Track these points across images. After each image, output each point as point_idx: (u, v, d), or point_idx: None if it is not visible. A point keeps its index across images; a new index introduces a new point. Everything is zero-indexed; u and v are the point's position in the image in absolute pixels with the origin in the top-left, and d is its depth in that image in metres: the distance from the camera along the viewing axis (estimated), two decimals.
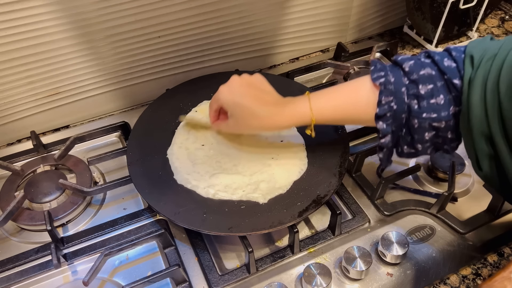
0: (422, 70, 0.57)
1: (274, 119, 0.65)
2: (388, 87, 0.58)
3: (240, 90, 0.65)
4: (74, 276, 0.68)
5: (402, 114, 0.58)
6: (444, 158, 0.79)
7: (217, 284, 0.64)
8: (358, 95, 0.61)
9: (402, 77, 0.58)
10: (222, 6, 0.87)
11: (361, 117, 0.62)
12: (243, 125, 0.66)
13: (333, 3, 0.99)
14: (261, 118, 0.64)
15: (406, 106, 0.58)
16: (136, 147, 0.77)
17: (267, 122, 0.65)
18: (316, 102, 0.63)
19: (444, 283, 0.67)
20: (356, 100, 0.62)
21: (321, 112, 0.63)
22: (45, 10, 0.74)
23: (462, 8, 0.99)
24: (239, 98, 0.64)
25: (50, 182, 0.76)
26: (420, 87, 0.56)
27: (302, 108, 0.64)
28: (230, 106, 0.66)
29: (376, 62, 0.62)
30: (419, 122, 0.57)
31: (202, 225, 0.65)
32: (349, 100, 0.62)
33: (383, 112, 0.59)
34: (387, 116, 0.59)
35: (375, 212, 0.74)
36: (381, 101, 0.58)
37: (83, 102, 0.90)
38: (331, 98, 0.64)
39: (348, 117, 0.64)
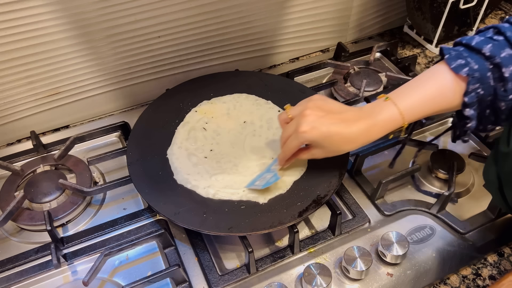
0: (502, 52, 0.56)
1: (366, 135, 0.62)
2: (474, 76, 0.57)
3: (321, 121, 0.61)
4: (74, 276, 0.68)
5: (488, 97, 0.58)
6: (444, 158, 0.79)
7: (217, 284, 0.64)
8: (443, 88, 0.59)
9: (484, 62, 0.57)
10: (222, 6, 0.87)
11: (446, 108, 0.61)
12: (335, 152, 0.64)
13: (333, 3, 0.99)
14: (354, 140, 0.62)
15: (492, 89, 0.58)
16: (136, 147, 0.77)
17: (360, 141, 0.62)
18: (403, 104, 0.61)
19: (444, 283, 0.67)
20: (442, 92, 0.60)
21: (411, 113, 0.61)
22: (45, 10, 0.74)
23: (462, 8, 0.99)
24: (326, 130, 0.61)
25: (50, 182, 0.76)
26: (504, 70, 0.56)
27: (390, 114, 0.61)
28: (319, 141, 0.62)
29: (449, 49, 0.61)
30: (506, 104, 0.57)
31: (202, 225, 0.65)
32: (435, 94, 0.60)
33: (471, 100, 0.58)
34: (474, 102, 0.59)
35: (375, 212, 0.74)
36: (468, 90, 0.58)
37: (83, 102, 0.90)
38: (416, 97, 0.61)
39: (434, 111, 0.62)
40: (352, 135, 0.61)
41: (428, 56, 1.07)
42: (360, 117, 0.62)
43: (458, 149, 0.83)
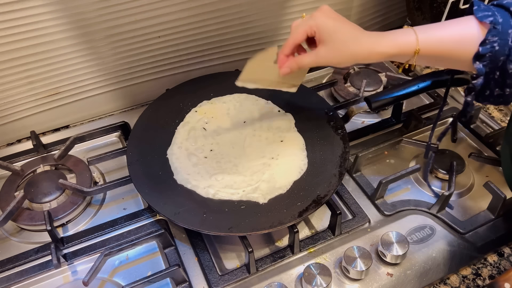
0: None
1: (375, 45, 0.59)
2: (496, 27, 0.57)
3: (336, 16, 0.61)
4: (74, 276, 0.68)
5: (501, 56, 0.58)
6: (444, 158, 0.79)
7: (217, 284, 0.64)
8: (466, 31, 0.59)
9: (510, 19, 0.57)
10: (222, 6, 0.87)
11: (462, 56, 0.60)
12: (340, 51, 0.60)
13: (333, 3, 0.99)
14: (363, 43, 0.59)
15: (508, 49, 0.57)
16: (136, 147, 0.77)
17: (369, 47, 0.59)
18: (422, 33, 0.59)
19: (444, 283, 0.67)
20: (464, 36, 0.59)
21: (427, 45, 0.59)
22: (45, 10, 0.74)
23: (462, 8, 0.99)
24: (339, 22, 0.60)
25: (50, 182, 0.76)
26: None
27: (407, 36, 0.59)
28: (330, 29, 0.60)
29: (479, 2, 0.60)
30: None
31: (202, 225, 0.65)
32: (455, 36, 0.59)
33: (485, 51, 0.57)
34: (486, 57, 0.58)
35: (375, 212, 0.74)
36: (485, 40, 0.57)
37: (83, 102, 0.90)
38: (437, 32, 0.60)
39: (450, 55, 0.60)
40: (363, 38, 0.60)
41: None
42: (374, 32, 0.61)
43: (458, 149, 0.83)
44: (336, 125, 0.80)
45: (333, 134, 0.78)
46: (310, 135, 0.79)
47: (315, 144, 0.77)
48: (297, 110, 0.83)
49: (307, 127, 0.80)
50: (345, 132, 0.78)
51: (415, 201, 0.75)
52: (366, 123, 0.91)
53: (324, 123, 0.80)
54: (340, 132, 0.78)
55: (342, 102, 0.92)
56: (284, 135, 0.78)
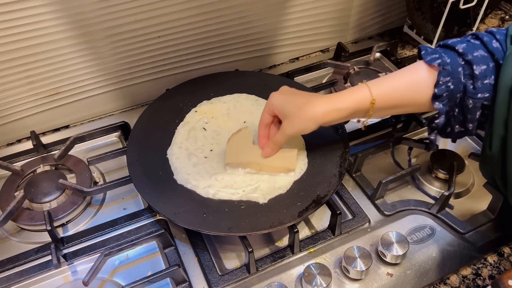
0: (475, 52, 0.59)
1: (331, 104, 0.63)
2: (446, 68, 0.60)
3: (289, 91, 0.68)
4: (74, 276, 0.68)
5: (458, 94, 0.60)
6: (444, 158, 0.79)
7: (217, 284, 0.64)
8: (416, 77, 0.62)
9: (457, 58, 0.60)
10: (222, 6, 0.87)
11: (418, 99, 0.63)
12: (299, 120, 0.65)
13: (333, 3, 0.99)
14: (317, 104, 0.63)
15: (462, 86, 0.60)
16: (136, 147, 0.77)
17: (324, 107, 0.63)
18: (375, 86, 0.63)
19: (444, 283, 0.67)
20: (415, 82, 0.62)
21: (381, 95, 0.63)
22: (45, 10, 0.74)
23: (462, 8, 0.99)
24: (290, 96, 0.66)
25: (50, 182, 0.76)
26: (474, 68, 0.58)
27: (361, 92, 0.63)
28: (284, 105, 0.66)
29: (426, 46, 0.63)
30: (473, 102, 0.59)
31: (202, 225, 0.65)
32: (407, 83, 0.63)
33: (441, 92, 0.60)
34: (443, 96, 0.61)
35: (375, 212, 0.74)
36: (439, 82, 0.60)
37: (83, 102, 0.90)
38: (390, 82, 0.64)
39: (406, 101, 0.64)
40: (315, 99, 0.64)
41: None
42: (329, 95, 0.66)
43: (458, 149, 0.83)
44: (336, 125, 0.79)
45: (333, 134, 0.78)
46: (310, 135, 0.78)
47: (315, 144, 0.77)
48: None
49: None
50: (345, 132, 0.78)
51: (415, 201, 0.75)
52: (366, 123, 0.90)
53: None
54: (340, 132, 0.78)
55: None
56: None
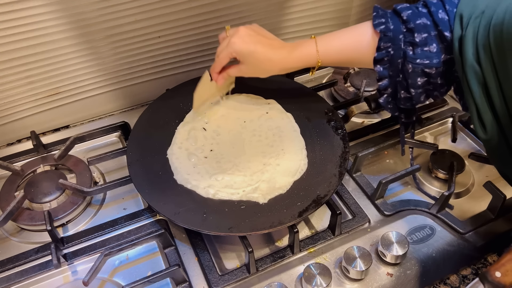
0: (418, 20, 0.61)
1: (285, 61, 0.70)
2: (387, 34, 0.63)
3: (250, 38, 0.70)
4: (74, 276, 0.68)
5: (398, 59, 0.63)
6: (444, 158, 0.79)
7: (217, 284, 0.64)
8: (361, 40, 0.66)
9: (400, 25, 0.63)
10: (222, 6, 0.87)
11: (361, 60, 0.68)
12: (256, 69, 0.72)
13: (333, 3, 0.99)
14: (273, 62, 0.70)
15: (402, 52, 0.62)
16: (136, 147, 0.77)
17: (278, 65, 0.70)
18: (322, 45, 0.68)
19: (444, 283, 0.67)
20: (359, 44, 0.67)
21: (327, 55, 0.69)
22: (45, 10, 0.74)
23: None
24: (253, 46, 0.69)
25: (50, 182, 0.76)
26: (415, 35, 0.61)
27: (309, 50, 0.69)
28: (244, 54, 0.70)
29: (379, 8, 0.66)
30: (413, 67, 0.62)
31: (202, 225, 0.65)
32: (352, 44, 0.67)
33: (381, 56, 0.64)
34: (384, 60, 0.64)
35: (375, 212, 0.74)
36: (380, 47, 0.63)
37: (83, 102, 0.90)
38: (336, 42, 0.69)
39: (350, 60, 0.70)
40: (273, 57, 0.69)
41: None
42: (284, 46, 0.71)
43: (458, 149, 0.83)
44: (336, 125, 0.80)
45: (333, 134, 0.78)
46: (310, 135, 0.79)
47: (315, 144, 0.77)
48: (297, 110, 0.83)
49: (307, 127, 0.80)
50: (345, 132, 0.78)
51: (415, 201, 0.75)
52: (366, 123, 0.91)
53: (324, 123, 0.80)
54: (340, 132, 0.78)
55: (342, 102, 0.92)
56: (284, 135, 0.78)
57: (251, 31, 0.70)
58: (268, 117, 0.82)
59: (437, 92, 0.65)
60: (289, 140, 0.77)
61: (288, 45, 0.71)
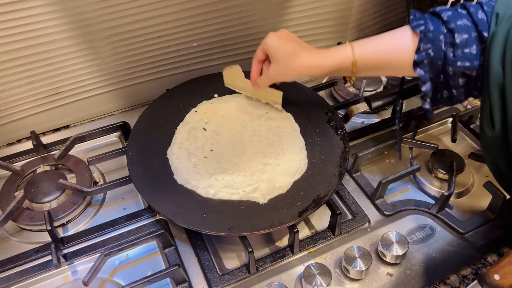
0: (459, 21, 0.60)
1: (316, 58, 0.67)
2: (427, 35, 0.60)
3: (286, 36, 0.70)
4: (74, 276, 0.68)
5: (439, 61, 0.61)
6: (444, 158, 0.79)
7: (217, 284, 0.64)
8: (399, 41, 0.64)
9: (440, 26, 0.61)
10: (222, 6, 0.87)
11: (400, 63, 0.64)
12: (286, 67, 0.69)
13: (333, 3, 0.99)
14: (304, 58, 0.67)
15: (442, 53, 0.60)
16: (136, 147, 0.77)
17: (309, 62, 0.67)
18: (358, 47, 0.66)
19: (444, 283, 0.67)
20: (397, 46, 0.64)
21: (363, 56, 0.65)
22: (45, 10, 0.74)
23: None
24: (284, 41, 0.69)
25: (50, 182, 0.76)
26: (456, 36, 0.59)
27: (344, 51, 0.66)
28: (276, 48, 0.69)
29: (415, 11, 0.64)
30: (453, 70, 0.60)
31: (202, 225, 0.65)
32: (391, 46, 0.64)
33: (421, 58, 0.61)
34: (424, 63, 0.61)
35: (375, 212, 0.74)
36: (419, 48, 0.61)
37: (83, 102, 0.90)
38: (373, 44, 0.66)
39: (388, 63, 0.65)
40: (304, 54, 0.67)
41: None
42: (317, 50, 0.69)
43: (458, 149, 0.83)
44: (336, 125, 0.80)
45: (333, 134, 0.78)
46: (310, 135, 0.79)
47: (315, 144, 0.77)
48: (297, 110, 0.83)
49: (307, 127, 0.80)
50: (345, 132, 0.78)
51: (415, 201, 0.75)
52: (366, 123, 0.91)
53: (324, 123, 0.80)
54: (340, 132, 0.78)
55: (342, 102, 0.92)
56: (284, 135, 0.78)
57: (290, 34, 0.71)
58: (268, 117, 0.82)
59: (476, 92, 0.63)
60: (289, 140, 0.77)
61: (323, 49, 0.69)
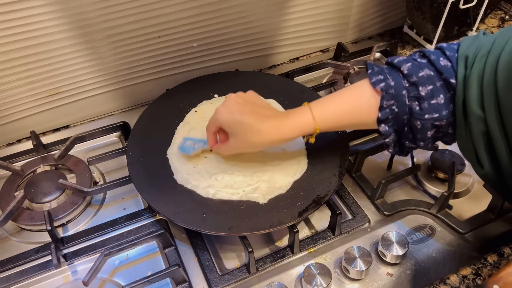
0: (420, 72, 0.57)
1: (276, 132, 0.63)
2: (389, 91, 0.59)
3: (237, 107, 0.64)
4: (74, 276, 0.68)
5: (404, 115, 0.59)
6: (444, 158, 0.79)
7: (217, 284, 0.64)
8: (360, 100, 0.62)
9: (401, 80, 0.59)
10: (222, 6, 0.87)
11: (363, 122, 0.63)
12: (245, 143, 0.64)
13: (333, 3, 0.99)
14: (264, 133, 0.63)
15: (407, 108, 0.59)
16: (136, 147, 0.77)
17: (270, 137, 0.63)
18: (318, 111, 0.63)
19: (444, 283, 0.67)
20: (358, 106, 0.62)
21: (324, 121, 0.63)
22: (45, 10, 0.74)
23: (462, 8, 0.99)
24: (238, 116, 0.63)
25: (50, 182, 0.76)
26: (420, 89, 0.57)
27: (304, 118, 0.63)
28: (230, 125, 0.64)
29: (373, 65, 0.62)
30: (421, 123, 0.58)
31: (202, 225, 0.65)
32: (351, 107, 0.62)
33: (385, 116, 0.60)
34: (389, 119, 0.60)
35: (375, 212, 0.74)
36: (382, 106, 0.59)
37: (83, 102, 0.90)
38: (333, 106, 0.63)
39: (350, 123, 0.64)
40: (262, 128, 0.63)
41: None
42: (276, 116, 0.65)
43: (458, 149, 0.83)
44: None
45: (333, 134, 0.78)
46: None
47: (315, 144, 0.77)
48: None
49: None
50: (345, 132, 0.78)
51: (415, 201, 0.75)
52: None
53: None
54: (340, 132, 0.78)
55: None
56: None
57: (239, 99, 0.65)
58: None
59: (446, 139, 0.62)
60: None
61: (281, 114, 0.66)
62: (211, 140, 0.70)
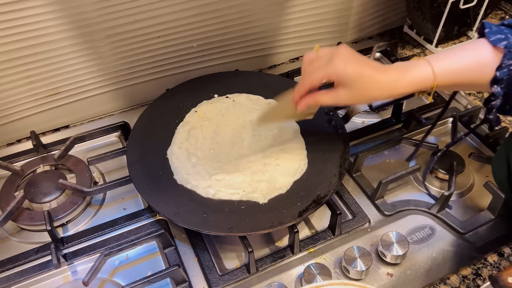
0: None
1: (395, 86, 0.60)
2: (511, 50, 0.57)
3: (354, 59, 0.60)
4: (74, 276, 0.68)
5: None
6: (444, 158, 0.79)
7: (217, 284, 0.64)
8: (482, 58, 0.59)
9: None
10: (222, 6, 0.87)
11: (479, 81, 0.60)
12: (361, 96, 0.61)
13: (333, 3, 0.99)
14: (383, 87, 0.60)
15: None
16: (136, 147, 0.77)
17: (387, 91, 0.61)
18: (438, 65, 0.60)
19: (444, 283, 0.67)
20: (480, 63, 0.59)
21: (444, 76, 0.59)
22: (45, 10, 0.74)
23: (462, 8, 0.99)
24: (359, 68, 0.59)
25: (50, 182, 0.76)
26: None
27: (424, 72, 0.60)
28: (350, 77, 0.59)
29: (489, 24, 0.60)
30: None
31: (202, 225, 0.65)
32: (473, 64, 0.59)
33: (502, 76, 0.57)
34: (503, 80, 0.57)
35: (375, 212, 0.74)
36: (501, 65, 0.57)
37: (83, 102, 0.90)
38: (454, 61, 0.60)
39: (468, 81, 0.60)
40: (382, 80, 0.60)
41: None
42: (392, 68, 0.61)
43: (458, 149, 0.83)
44: (336, 125, 0.80)
45: (333, 134, 0.78)
46: (310, 135, 0.79)
47: (315, 144, 0.77)
48: None
49: (307, 127, 0.80)
50: (345, 132, 0.78)
51: (415, 201, 0.75)
52: (366, 123, 0.90)
53: (324, 123, 0.80)
54: (340, 132, 0.78)
55: None
56: (284, 135, 0.78)
57: (350, 51, 0.61)
58: None
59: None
60: (289, 140, 0.77)
61: (395, 66, 0.62)
62: (302, 92, 0.64)
